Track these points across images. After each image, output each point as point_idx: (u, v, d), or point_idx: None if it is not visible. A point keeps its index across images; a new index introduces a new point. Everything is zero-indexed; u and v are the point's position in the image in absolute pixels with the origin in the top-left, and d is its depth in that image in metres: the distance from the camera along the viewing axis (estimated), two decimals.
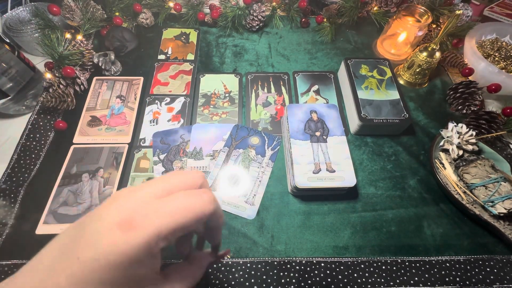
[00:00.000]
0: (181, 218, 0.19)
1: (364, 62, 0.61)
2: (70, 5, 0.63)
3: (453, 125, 0.52)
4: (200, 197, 0.21)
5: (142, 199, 0.20)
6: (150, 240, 0.18)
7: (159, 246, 0.19)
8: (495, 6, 0.75)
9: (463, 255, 0.44)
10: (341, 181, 0.45)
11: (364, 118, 0.53)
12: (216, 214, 0.22)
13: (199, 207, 0.20)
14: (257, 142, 0.54)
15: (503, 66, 0.63)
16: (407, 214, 0.48)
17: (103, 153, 0.52)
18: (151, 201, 0.20)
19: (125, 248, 0.17)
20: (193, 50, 0.68)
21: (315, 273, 0.42)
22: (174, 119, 0.56)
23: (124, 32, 0.65)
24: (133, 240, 0.18)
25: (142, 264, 0.18)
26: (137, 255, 0.18)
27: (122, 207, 0.19)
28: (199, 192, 0.21)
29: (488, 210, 0.44)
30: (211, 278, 0.41)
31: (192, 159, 0.51)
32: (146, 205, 0.19)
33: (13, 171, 0.49)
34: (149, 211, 0.19)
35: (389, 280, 0.42)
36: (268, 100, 0.60)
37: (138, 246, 0.18)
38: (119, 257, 0.17)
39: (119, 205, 0.19)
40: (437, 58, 0.59)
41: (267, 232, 0.45)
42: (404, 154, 0.54)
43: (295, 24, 0.75)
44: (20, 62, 0.55)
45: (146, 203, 0.19)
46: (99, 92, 0.59)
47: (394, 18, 0.65)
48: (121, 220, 0.18)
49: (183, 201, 0.20)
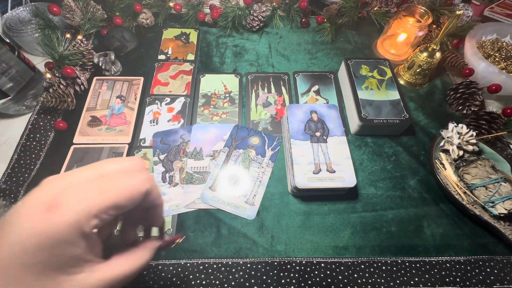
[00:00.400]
0: (113, 196, 0.19)
1: (364, 62, 0.61)
2: (70, 5, 0.63)
3: (454, 125, 0.52)
4: (134, 176, 0.21)
5: (71, 182, 0.19)
6: (78, 218, 0.17)
7: (90, 225, 0.18)
8: (495, 6, 0.75)
9: (463, 255, 0.44)
10: (341, 181, 0.45)
11: (364, 118, 0.53)
12: (153, 193, 0.22)
13: (132, 185, 0.20)
14: (257, 142, 0.54)
15: (503, 66, 0.63)
16: (407, 215, 0.48)
17: (103, 153, 0.52)
18: (81, 183, 0.19)
19: (48, 228, 0.17)
20: (193, 50, 0.68)
21: (315, 273, 0.42)
22: (174, 119, 0.56)
23: (124, 32, 0.65)
24: (57, 220, 0.17)
25: (72, 245, 0.18)
26: (64, 235, 0.17)
27: (48, 190, 0.18)
28: (133, 171, 0.21)
29: (488, 211, 0.44)
30: (211, 278, 0.41)
31: (192, 159, 0.51)
32: (75, 187, 0.19)
33: (13, 171, 0.49)
34: (78, 191, 0.18)
35: (389, 281, 0.42)
36: (268, 100, 0.60)
37: (64, 226, 0.17)
38: (44, 239, 0.17)
39: (45, 189, 0.19)
40: (438, 58, 0.59)
41: (267, 232, 0.45)
42: (404, 155, 0.54)
43: (295, 24, 0.75)
44: (20, 62, 0.55)
45: (75, 185, 0.19)
46: (99, 92, 0.59)
47: (395, 18, 0.65)
48: (46, 202, 0.18)
49: (115, 179, 0.20)
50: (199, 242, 0.44)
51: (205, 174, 0.50)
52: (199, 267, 0.42)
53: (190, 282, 0.41)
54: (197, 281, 0.41)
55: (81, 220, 0.18)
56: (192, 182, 0.49)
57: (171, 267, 0.42)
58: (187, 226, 0.45)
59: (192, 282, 0.41)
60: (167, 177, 0.49)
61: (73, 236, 0.18)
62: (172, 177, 0.49)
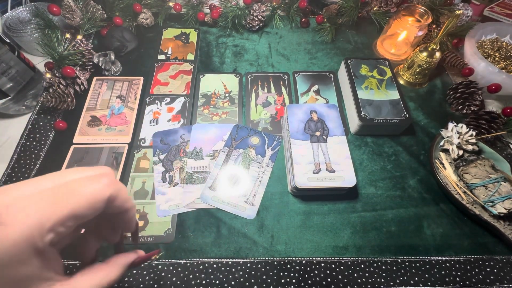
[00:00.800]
0: (69, 205, 0.17)
1: (364, 62, 0.61)
2: (70, 5, 0.63)
3: (453, 125, 0.52)
4: (95, 181, 0.19)
5: (19, 195, 0.17)
6: (28, 234, 0.16)
7: (45, 240, 0.16)
8: (495, 6, 0.75)
9: (463, 255, 0.44)
10: (341, 181, 0.45)
11: (364, 118, 0.53)
12: (118, 198, 0.20)
13: (92, 191, 0.18)
14: (257, 142, 0.54)
15: (503, 66, 0.63)
16: (407, 214, 0.48)
17: (103, 153, 0.52)
18: (33, 195, 0.17)
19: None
20: (193, 50, 0.68)
21: (315, 273, 0.42)
22: (174, 119, 0.56)
23: (124, 32, 0.65)
24: (2, 238, 0.15)
25: (23, 264, 0.16)
26: (12, 254, 0.15)
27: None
28: (94, 176, 0.19)
29: (488, 210, 0.44)
30: (211, 278, 0.41)
31: (192, 159, 0.51)
32: (24, 200, 0.17)
33: (13, 171, 0.49)
34: (27, 204, 0.17)
35: (389, 280, 0.42)
36: (268, 100, 0.60)
37: (10, 244, 0.15)
38: None
39: None
40: (437, 58, 0.59)
41: (267, 232, 0.45)
42: (404, 154, 0.54)
43: (295, 24, 0.75)
44: (20, 62, 0.55)
45: (25, 198, 0.17)
46: (99, 92, 0.60)
47: (394, 18, 0.65)
48: None
49: (72, 187, 0.18)
50: (199, 242, 0.44)
51: (205, 174, 0.50)
52: (199, 267, 0.42)
53: (190, 282, 0.41)
54: (197, 281, 0.41)
55: (32, 235, 0.16)
56: (192, 182, 0.49)
57: (171, 267, 0.42)
58: (187, 226, 0.45)
59: (192, 282, 0.41)
60: (167, 177, 0.49)
61: (24, 254, 0.16)
62: (172, 177, 0.49)
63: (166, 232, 0.44)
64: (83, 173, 0.19)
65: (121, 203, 0.20)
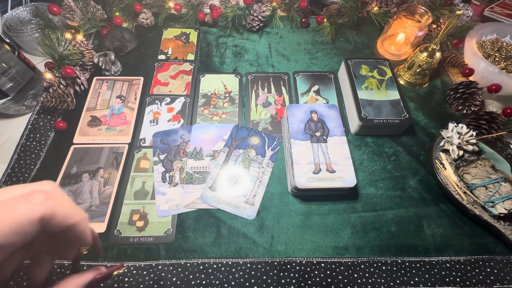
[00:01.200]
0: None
1: (364, 62, 0.61)
2: (70, 5, 0.63)
3: (453, 125, 0.52)
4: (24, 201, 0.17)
5: None
6: None
7: None
8: (495, 6, 0.75)
9: (463, 255, 0.44)
10: (341, 181, 0.45)
11: (364, 118, 0.53)
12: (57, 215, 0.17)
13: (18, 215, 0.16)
14: (257, 142, 0.54)
15: (503, 66, 0.63)
16: (407, 214, 0.48)
17: (103, 153, 0.52)
18: None
19: None
20: (193, 50, 0.68)
21: (315, 273, 0.42)
22: (174, 119, 0.56)
23: (124, 32, 0.65)
24: None
25: None
26: None
27: None
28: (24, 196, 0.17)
29: (488, 211, 0.44)
30: (211, 278, 0.41)
31: (192, 159, 0.51)
32: None
33: (13, 171, 0.49)
34: None
35: (389, 281, 0.42)
36: (268, 100, 0.60)
37: None
38: None
39: None
40: (438, 58, 0.59)
41: (267, 232, 0.45)
42: (404, 154, 0.54)
43: (295, 24, 0.75)
44: (20, 62, 0.55)
45: None
46: (99, 92, 0.59)
47: (395, 18, 0.65)
48: None
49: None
50: (199, 242, 0.44)
51: (205, 174, 0.50)
52: (199, 267, 0.42)
53: (190, 282, 0.41)
54: (197, 281, 0.41)
55: None
56: (192, 182, 0.49)
57: (171, 267, 0.42)
58: (187, 226, 0.45)
59: (192, 282, 0.41)
60: (167, 177, 0.49)
61: None
62: (172, 177, 0.49)
63: (166, 232, 0.44)
64: (13, 192, 0.17)
65: (62, 220, 0.18)
